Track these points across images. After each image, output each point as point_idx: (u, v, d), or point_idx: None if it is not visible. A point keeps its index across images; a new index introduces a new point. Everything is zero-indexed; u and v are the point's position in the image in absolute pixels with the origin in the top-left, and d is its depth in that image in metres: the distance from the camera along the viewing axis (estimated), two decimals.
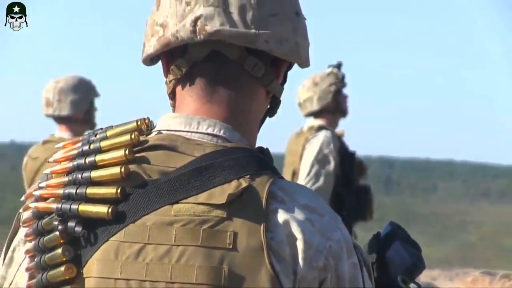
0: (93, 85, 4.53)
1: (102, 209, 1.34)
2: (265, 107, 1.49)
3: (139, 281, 1.31)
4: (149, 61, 1.48)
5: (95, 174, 1.37)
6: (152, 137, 1.42)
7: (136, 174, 1.36)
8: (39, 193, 1.41)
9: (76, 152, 1.42)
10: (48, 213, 1.39)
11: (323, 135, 5.03)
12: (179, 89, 1.46)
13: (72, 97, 4.38)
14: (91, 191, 1.36)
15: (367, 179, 5.41)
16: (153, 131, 1.44)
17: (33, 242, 1.39)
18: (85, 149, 1.41)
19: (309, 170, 4.96)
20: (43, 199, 1.41)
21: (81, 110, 4.40)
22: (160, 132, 1.43)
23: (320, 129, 5.09)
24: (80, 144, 1.44)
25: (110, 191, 1.35)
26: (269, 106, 1.50)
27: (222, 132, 1.41)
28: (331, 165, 4.98)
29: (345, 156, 5.07)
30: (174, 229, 1.32)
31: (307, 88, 5.19)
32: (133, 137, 1.39)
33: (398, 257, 1.53)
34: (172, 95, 1.49)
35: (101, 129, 1.45)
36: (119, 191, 1.34)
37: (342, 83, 5.21)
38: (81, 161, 1.40)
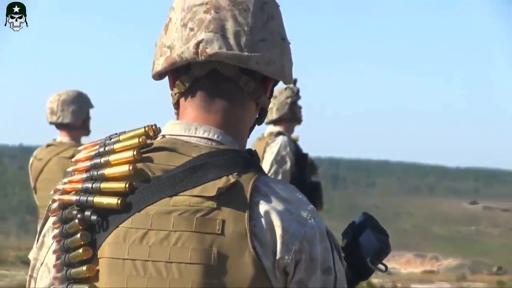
0: (89, 98, 5.20)
1: (113, 201, 1.52)
2: (254, 117, 1.67)
3: (143, 261, 1.49)
4: (158, 76, 1.67)
5: (108, 171, 1.56)
6: (157, 141, 1.60)
7: (142, 171, 1.54)
8: (63, 187, 1.60)
9: (93, 153, 1.62)
10: (70, 204, 1.56)
11: (281, 140, 5.89)
12: (182, 100, 1.64)
13: (72, 108, 5.06)
14: (105, 185, 1.55)
15: (318, 177, 6.20)
16: (159, 135, 1.63)
17: (59, 229, 1.57)
18: (101, 151, 1.60)
19: (269, 169, 5.75)
20: (66, 192, 1.59)
21: (79, 118, 5.10)
22: (164, 136, 1.61)
23: (278, 134, 5.96)
24: (97, 146, 1.62)
25: (120, 185, 1.53)
26: (258, 116, 1.68)
27: (216, 136, 1.59)
28: (288, 165, 5.84)
29: (299, 157, 5.92)
30: (172, 217, 1.49)
31: None
32: (140, 140, 1.58)
33: (368, 242, 1.70)
34: (176, 105, 1.67)
35: (116, 134, 1.63)
36: (127, 185, 1.53)
37: (297, 96, 6.06)
38: (97, 161, 1.59)
